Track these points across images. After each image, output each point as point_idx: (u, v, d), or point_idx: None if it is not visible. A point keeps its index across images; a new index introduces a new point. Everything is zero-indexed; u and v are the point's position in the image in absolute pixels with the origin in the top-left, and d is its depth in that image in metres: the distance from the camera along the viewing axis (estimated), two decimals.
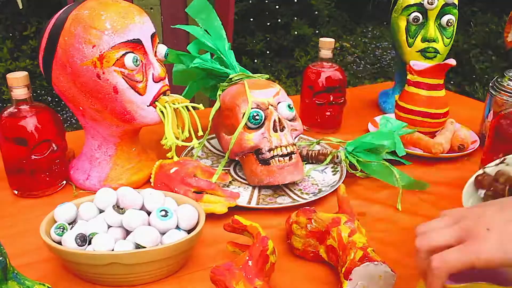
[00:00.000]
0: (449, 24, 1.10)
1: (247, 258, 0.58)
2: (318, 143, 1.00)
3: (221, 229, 0.74)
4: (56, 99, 2.77)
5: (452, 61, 0.98)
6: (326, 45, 1.07)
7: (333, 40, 1.07)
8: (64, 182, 0.87)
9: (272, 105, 0.84)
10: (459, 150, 1.00)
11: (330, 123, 1.10)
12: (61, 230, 0.64)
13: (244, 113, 0.82)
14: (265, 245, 0.60)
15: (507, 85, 1.01)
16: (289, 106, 0.85)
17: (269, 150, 0.82)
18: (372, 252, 0.60)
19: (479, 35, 3.27)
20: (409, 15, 1.10)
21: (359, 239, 0.62)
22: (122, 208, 0.67)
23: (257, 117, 0.82)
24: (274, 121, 0.82)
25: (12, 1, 2.72)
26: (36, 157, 0.80)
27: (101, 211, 0.69)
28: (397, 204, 0.83)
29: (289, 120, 0.86)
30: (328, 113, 1.09)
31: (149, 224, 0.66)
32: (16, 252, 0.69)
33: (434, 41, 1.09)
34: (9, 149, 0.80)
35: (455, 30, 1.12)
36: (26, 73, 0.78)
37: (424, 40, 1.10)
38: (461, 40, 3.26)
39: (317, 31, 3.47)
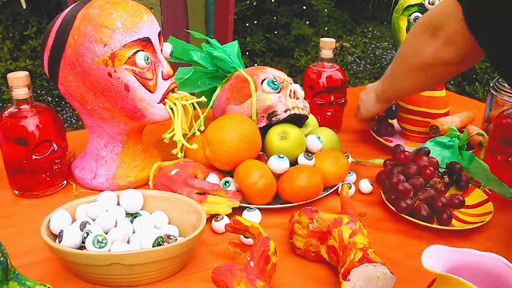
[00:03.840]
0: None
1: (249, 258, 0.58)
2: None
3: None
4: (56, 99, 2.77)
5: None
6: (327, 45, 1.07)
7: (333, 40, 1.07)
8: (65, 182, 0.87)
9: (287, 81, 0.91)
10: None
11: (331, 123, 1.09)
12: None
13: (264, 79, 0.88)
14: (266, 245, 0.60)
15: (508, 85, 1.01)
16: (301, 87, 0.94)
17: (285, 111, 0.86)
18: (372, 253, 0.60)
19: None
20: (410, 15, 1.10)
21: (360, 240, 0.62)
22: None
23: (275, 82, 0.88)
24: (290, 90, 0.89)
25: (12, 1, 2.72)
26: (36, 157, 0.80)
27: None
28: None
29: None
30: (328, 113, 1.09)
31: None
32: (17, 252, 0.69)
33: None
34: (9, 149, 0.80)
35: None
36: (26, 73, 0.78)
37: None
38: None
39: (317, 31, 3.47)
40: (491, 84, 1.07)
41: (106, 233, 0.65)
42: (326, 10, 3.51)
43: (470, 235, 0.75)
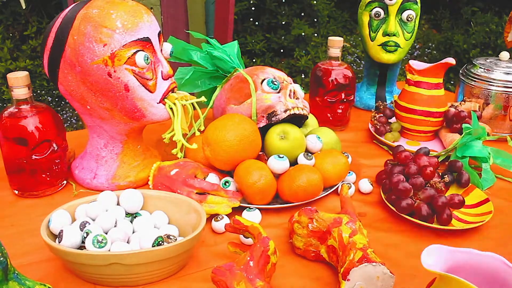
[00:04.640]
0: (409, 19, 1.14)
1: (248, 258, 0.58)
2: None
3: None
4: (56, 99, 2.77)
5: (451, 60, 0.98)
6: (335, 43, 1.08)
7: (341, 38, 1.09)
8: (65, 182, 0.87)
9: (287, 81, 0.91)
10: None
11: (340, 120, 1.11)
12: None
13: (264, 79, 0.88)
14: (266, 245, 0.60)
15: (475, 72, 1.08)
16: (301, 87, 0.94)
17: (285, 111, 0.86)
18: (372, 253, 0.60)
19: (479, 35, 3.27)
20: (371, 10, 1.15)
21: (360, 240, 0.62)
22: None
23: (275, 82, 0.88)
24: (290, 90, 0.89)
25: (12, 1, 2.72)
26: (36, 157, 0.80)
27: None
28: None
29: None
30: (339, 111, 1.11)
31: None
32: (17, 252, 0.69)
33: (394, 35, 1.13)
34: (9, 149, 0.80)
35: (416, 25, 1.17)
36: (26, 73, 0.78)
37: (385, 34, 1.14)
38: (461, 40, 3.26)
39: (317, 31, 3.47)
40: (460, 71, 1.11)
41: (106, 233, 0.65)
42: (326, 10, 3.50)
43: (470, 235, 0.75)
